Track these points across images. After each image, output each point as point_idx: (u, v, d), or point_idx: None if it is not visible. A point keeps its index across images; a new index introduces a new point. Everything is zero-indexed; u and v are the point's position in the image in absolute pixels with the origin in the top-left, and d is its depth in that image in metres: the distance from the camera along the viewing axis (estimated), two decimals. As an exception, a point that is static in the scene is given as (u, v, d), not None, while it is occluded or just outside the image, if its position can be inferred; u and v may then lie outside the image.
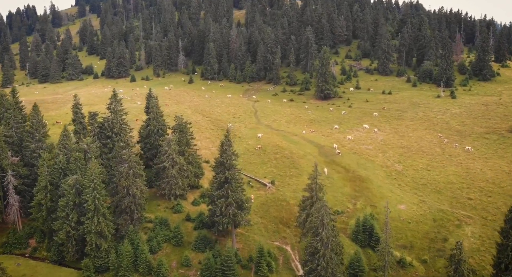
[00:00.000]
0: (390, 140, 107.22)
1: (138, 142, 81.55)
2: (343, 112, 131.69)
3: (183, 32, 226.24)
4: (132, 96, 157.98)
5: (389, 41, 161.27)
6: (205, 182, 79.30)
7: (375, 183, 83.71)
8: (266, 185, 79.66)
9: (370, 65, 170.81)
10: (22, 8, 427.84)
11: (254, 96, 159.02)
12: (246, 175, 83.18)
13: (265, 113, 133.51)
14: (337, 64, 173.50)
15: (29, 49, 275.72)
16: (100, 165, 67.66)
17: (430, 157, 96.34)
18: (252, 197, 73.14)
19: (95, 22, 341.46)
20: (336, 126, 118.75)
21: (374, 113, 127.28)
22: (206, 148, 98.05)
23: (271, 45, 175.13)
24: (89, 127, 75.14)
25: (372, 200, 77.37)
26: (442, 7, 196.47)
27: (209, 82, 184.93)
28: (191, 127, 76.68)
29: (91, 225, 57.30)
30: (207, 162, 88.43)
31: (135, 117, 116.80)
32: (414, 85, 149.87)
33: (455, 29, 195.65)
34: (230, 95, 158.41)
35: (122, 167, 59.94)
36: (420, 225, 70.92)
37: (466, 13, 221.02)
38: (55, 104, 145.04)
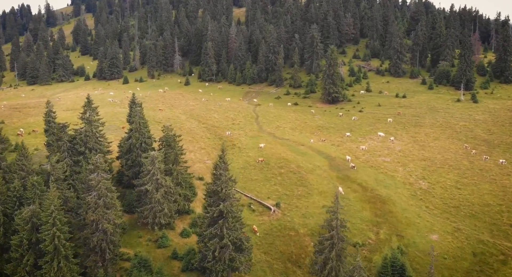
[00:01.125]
0: (410, 150, 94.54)
1: (118, 157, 69.01)
2: (353, 117, 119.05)
3: (180, 31, 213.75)
4: (123, 99, 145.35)
5: (402, 39, 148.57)
6: (198, 205, 66.78)
7: (398, 205, 71.05)
8: (270, 209, 67.02)
9: (381, 66, 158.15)
10: (16, 7, 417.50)
11: (255, 100, 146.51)
12: (246, 196, 70.64)
13: (268, 119, 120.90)
14: (344, 64, 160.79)
15: (21, 49, 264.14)
16: (68, 189, 55.27)
17: (458, 171, 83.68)
18: (255, 229, 60.38)
19: (90, 21, 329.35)
20: (347, 133, 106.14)
21: (389, 119, 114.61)
22: (200, 161, 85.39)
23: (273, 44, 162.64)
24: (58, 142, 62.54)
25: (398, 227, 64.70)
26: (453, 4, 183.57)
27: (207, 84, 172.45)
28: (180, 140, 63.98)
29: (50, 271, 44.73)
30: (201, 179, 75.82)
31: (122, 124, 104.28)
32: (430, 88, 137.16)
33: (469, 28, 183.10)
34: (229, 98, 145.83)
35: (89, 196, 47.35)
36: (459, 262, 58.27)
37: (477, 11, 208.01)
38: (37, 109, 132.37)
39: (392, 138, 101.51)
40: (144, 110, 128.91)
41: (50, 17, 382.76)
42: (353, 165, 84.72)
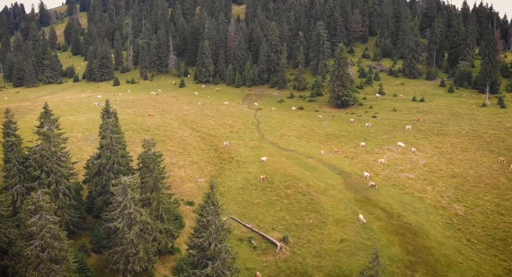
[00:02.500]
0: (436, 164, 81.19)
1: (85, 181, 55.71)
2: (367, 124, 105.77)
3: (175, 29, 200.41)
4: (110, 103, 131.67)
5: (418, 37, 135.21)
6: (186, 240, 53.39)
7: (433, 237, 57.66)
8: (276, 245, 53.60)
9: (393, 66, 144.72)
10: (10, 6, 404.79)
11: (256, 103, 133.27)
12: (246, 227, 57.31)
13: (270, 126, 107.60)
14: (353, 64, 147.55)
15: (11, 49, 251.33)
16: (15, 227, 42.14)
17: (497, 192, 70.34)
18: (259, 276, 46.86)
19: (85, 20, 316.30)
20: (362, 143, 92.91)
21: (407, 126, 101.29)
22: (191, 179, 72.00)
23: (276, 42, 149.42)
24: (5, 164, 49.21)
25: (437, 270, 51.28)
26: (465, 1, 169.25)
27: (203, 86, 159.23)
28: (162, 160, 50.63)
29: None
30: (190, 204, 62.49)
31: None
32: (451, 91, 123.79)
33: (486, 25, 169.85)
34: (227, 102, 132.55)
35: (29, 247, 34.06)
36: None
37: (491, 8, 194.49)
38: (14, 115, 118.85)
39: (413, 149, 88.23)
40: (132, 115, 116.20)
41: (44, 16, 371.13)
42: (373, 183, 71.36)
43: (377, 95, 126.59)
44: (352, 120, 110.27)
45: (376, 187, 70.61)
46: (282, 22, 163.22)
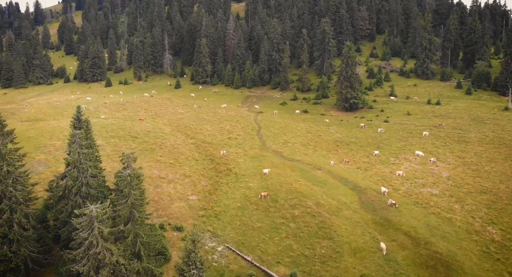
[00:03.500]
0: (461, 177, 71.40)
1: (47, 207, 45.88)
2: (379, 129, 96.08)
3: (172, 27, 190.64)
4: (98, 106, 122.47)
5: (431, 35, 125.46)
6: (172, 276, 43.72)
7: (469, 271, 47.89)
8: (282, 285, 43.80)
9: (404, 66, 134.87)
10: (4, 5, 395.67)
11: (256, 106, 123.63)
12: (245, 260, 47.51)
13: (272, 131, 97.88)
14: (360, 64, 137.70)
15: (4, 49, 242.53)
16: None
17: (537, 211, 60.62)
18: None
19: (80, 19, 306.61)
20: (375, 151, 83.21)
21: (424, 132, 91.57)
22: (182, 197, 62.14)
23: (278, 40, 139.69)
24: None
25: (482, 318, 41.58)
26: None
27: (200, 87, 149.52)
28: (141, 181, 40.72)
29: None
30: (178, 229, 52.64)
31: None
32: (468, 93, 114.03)
33: (500, 23, 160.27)
34: (225, 105, 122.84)
35: None
36: None
37: (504, 5, 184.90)
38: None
39: (433, 158, 78.45)
40: (121, 120, 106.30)
41: (38, 15, 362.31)
42: (393, 201, 61.58)
43: (392, 98, 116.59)
44: (363, 125, 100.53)
45: (396, 206, 60.87)
46: (284, 19, 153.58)
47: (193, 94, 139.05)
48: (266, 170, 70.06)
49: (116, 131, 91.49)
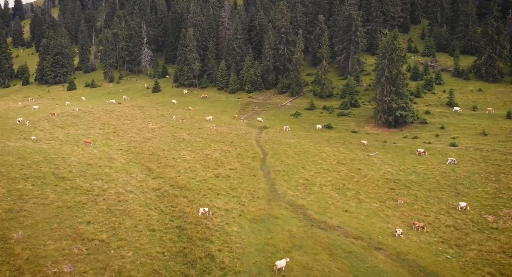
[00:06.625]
0: None
1: None
2: (449, 160, 61.75)
3: (156, 18, 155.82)
4: (40, 119, 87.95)
5: (499, 22, 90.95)
6: None
7: None
8: None
9: (456, 64, 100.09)
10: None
11: (259, 118, 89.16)
12: None
13: (285, 162, 63.42)
14: (405, 62, 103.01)
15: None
16: None
17: None
18: None
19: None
20: (461, 203, 49.20)
21: (525, 167, 57.13)
22: None
23: (287, 30, 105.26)
24: None
25: None
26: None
27: (186, 90, 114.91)
28: None
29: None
30: None
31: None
32: None
33: None
34: (210, 117, 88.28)
35: None
36: None
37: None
38: None
39: None
40: (59, 142, 69.09)
41: (18, 9, 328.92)
42: None
43: (456, 109, 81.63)
44: (421, 151, 65.93)
45: None
46: (295, 3, 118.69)
47: (174, 101, 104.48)
48: (282, 262, 35.40)
49: (37, 165, 57.13)
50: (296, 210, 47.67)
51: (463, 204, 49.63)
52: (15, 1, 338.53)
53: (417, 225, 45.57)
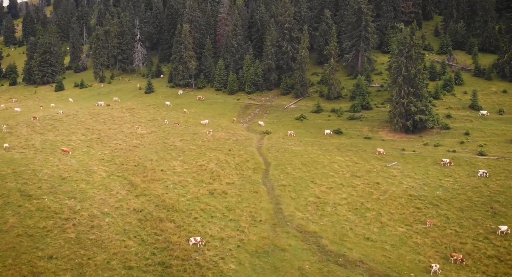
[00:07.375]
0: None
1: None
2: (480, 172, 53.30)
3: (150, 14, 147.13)
4: (19, 123, 79.51)
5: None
6: None
7: None
8: None
9: (476, 63, 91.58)
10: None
11: (260, 122, 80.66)
12: None
13: (291, 175, 54.94)
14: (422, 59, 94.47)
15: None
16: None
17: None
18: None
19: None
20: (501, 228, 40.79)
21: None
22: None
23: (290, 25, 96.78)
24: None
25: None
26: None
27: (181, 91, 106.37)
28: None
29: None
30: None
31: None
32: None
33: None
34: (206, 121, 79.70)
35: None
36: None
37: None
38: None
39: None
40: (34, 151, 54.80)
41: (13, 8, 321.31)
42: None
43: (483, 112, 73.20)
44: (446, 161, 57.48)
45: None
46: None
47: (168, 103, 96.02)
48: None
49: (2, 180, 49.08)
50: (308, 239, 39.24)
51: (503, 227, 41.39)
52: (9, 0, 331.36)
53: (455, 257, 37.22)
